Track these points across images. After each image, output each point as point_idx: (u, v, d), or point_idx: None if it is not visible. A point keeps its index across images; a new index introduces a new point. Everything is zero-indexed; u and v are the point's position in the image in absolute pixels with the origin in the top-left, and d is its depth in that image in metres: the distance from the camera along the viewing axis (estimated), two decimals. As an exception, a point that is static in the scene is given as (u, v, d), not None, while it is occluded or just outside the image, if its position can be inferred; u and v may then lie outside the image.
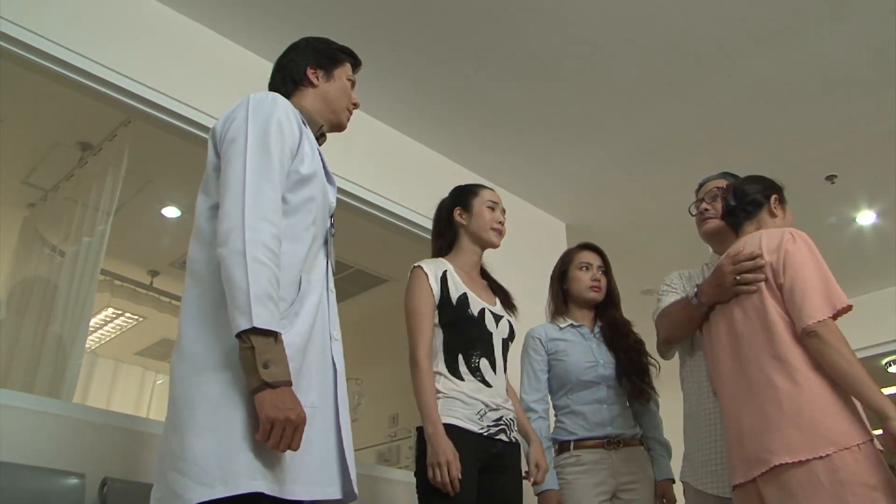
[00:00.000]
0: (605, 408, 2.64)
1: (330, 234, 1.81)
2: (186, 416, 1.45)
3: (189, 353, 1.51)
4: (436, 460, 2.09)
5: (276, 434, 1.39)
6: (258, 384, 1.38)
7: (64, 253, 3.54)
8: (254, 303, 1.40)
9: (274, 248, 1.49)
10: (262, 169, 1.55)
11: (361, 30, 3.18)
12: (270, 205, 1.53)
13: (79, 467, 2.16)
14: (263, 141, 1.59)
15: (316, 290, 1.66)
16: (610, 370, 2.69)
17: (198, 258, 1.60)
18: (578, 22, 3.17)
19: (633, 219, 4.71)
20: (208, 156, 1.71)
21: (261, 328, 1.40)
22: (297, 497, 1.49)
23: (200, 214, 1.65)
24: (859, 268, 5.28)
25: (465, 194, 2.58)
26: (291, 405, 1.40)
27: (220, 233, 1.49)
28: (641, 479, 2.59)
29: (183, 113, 2.95)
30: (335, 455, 1.61)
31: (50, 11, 2.68)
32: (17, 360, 3.30)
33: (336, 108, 1.93)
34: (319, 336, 1.64)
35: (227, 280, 1.45)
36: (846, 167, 4.18)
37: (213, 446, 1.40)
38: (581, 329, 2.78)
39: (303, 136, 1.71)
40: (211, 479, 1.38)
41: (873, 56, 3.37)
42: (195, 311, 1.55)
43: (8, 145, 3.90)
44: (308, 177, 1.67)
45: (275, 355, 1.41)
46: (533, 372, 2.72)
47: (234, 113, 1.67)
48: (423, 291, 2.35)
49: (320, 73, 1.92)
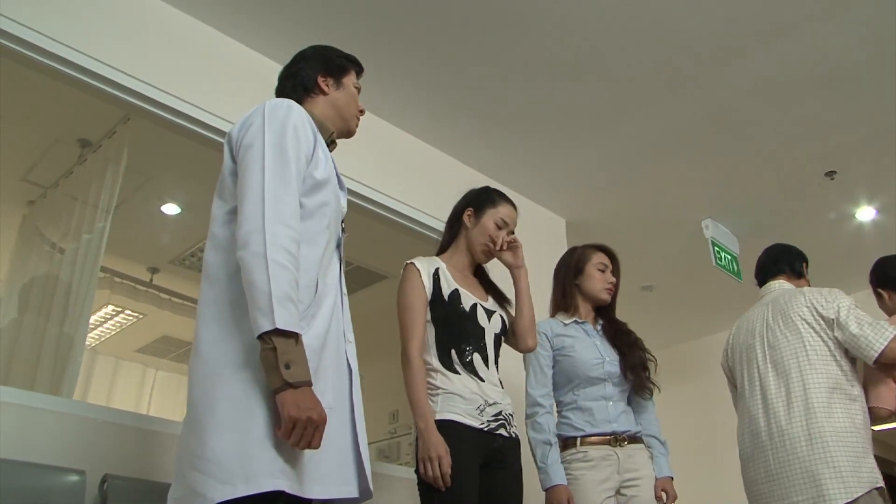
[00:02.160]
0: (611, 404, 2.67)
1: (341, 238, 1.84)
2: (207, 416, 1.47)
3: (207, 356, 1.54)
4: (427, 455, 2.11)
5: (298, 433, 1.42)
6: (280, 384, 1.41)
7: (64, 250, 3.54)
8: (276, 304, 1.43)
9: (293, 252, 1.52)
10: (280, 174, 1.58)
11: (363, 28, 3.18)
12: (289, 209, 1.56)
13: (79, 464, 2.16)
14: (280, 146, 1.62)
15: (331, 293, 1.70)
16: (615, 367, 2.71)
17: (214, 262, 1.63)
18: (578, 19, 3.17)
19: (632, 215, 4.71)
20: (224, 161, 1.73)
21: (283, 329, 1.42)
22: (317, 496, 1.52)
23: (216, 219, 1.67)
24: (859, 264, 5.24)
25: (484, 199, 2.58)
26: (313, 405, 1.43)
27: (240, 236, 1.51)
28: (644, 476, 2.62)
29: (182, 110, 2.95)
30: (351, 454, 1.64)
31: (49, 8, 2.68)
32: (17, 357, 3.30)
33: (346, 115, 1.97)
34: (335, 338, 1.68)
35: (248, 282, 1.47)
36: (846, 163, 4.18)
37: (234, 445, 1.43)
38: (585, 326, 2.80)
39: (317, 141, 1.74)
40: (233, 477, 1.40)
41: (873, 52, 3.36)
42: (212, 314, 1.58)
43: (7, 142, 3.90)
44: (322, 182, 1.71)
45: (296, 356, 1.44)
46: (539, 367, 2.73)
47: (251, 118, 1.70)
48: (415, 288, 2.36)
49: (330, 81, 1.96)
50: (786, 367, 2.63)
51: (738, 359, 2.87)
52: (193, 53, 3.11)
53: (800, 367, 2.60)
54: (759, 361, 2.74)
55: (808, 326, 2.66)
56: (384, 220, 3.76)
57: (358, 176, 3.50)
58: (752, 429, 2.66)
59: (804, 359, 2.61)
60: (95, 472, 2.17)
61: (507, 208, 2.56)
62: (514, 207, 2.59)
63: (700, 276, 5.03)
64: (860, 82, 3.57)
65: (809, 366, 2.59)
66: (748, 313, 2.96)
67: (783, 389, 2.60)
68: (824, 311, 2.65)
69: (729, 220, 4.76)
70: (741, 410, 2.78)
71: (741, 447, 2.74)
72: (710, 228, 4.66)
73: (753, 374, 2.74)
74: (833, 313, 2.62)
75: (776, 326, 2.74)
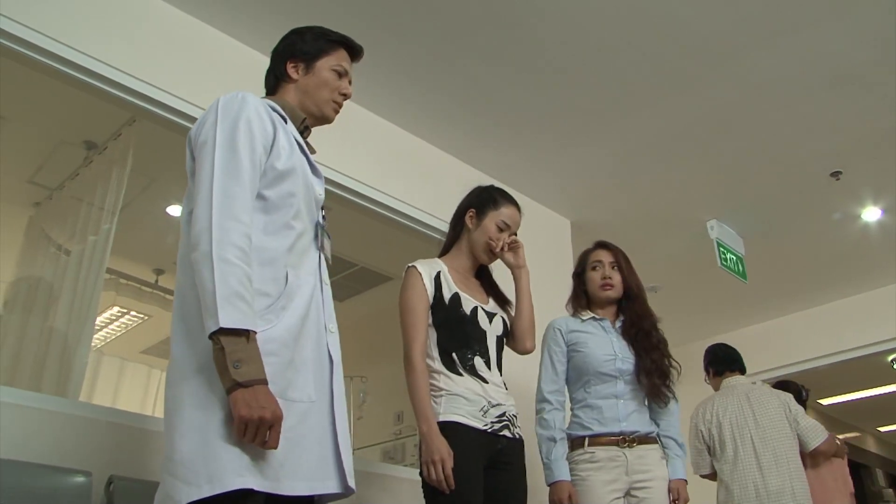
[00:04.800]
0: (621, 403, 2.62)
1: (320, 227, 1.80)
2: (174, 417, 1.47)
3: (175, 357, 1.54)
4: (430, 458, 2.11)
5: (251, 433, 1.39)
6: (230, 384, 1.39)
7: (69, 252, 3.55)
8: (220, 303, 1.40)
9: (243, 247, 1.49)
10: (230, 168, 1.56)
11: (366, 27, 3.18)
12: (239, 203, 1.53)
13: (85, 465, 2.16)
14: (231, 141, 1.59)
15: (307, 284, 1.66)
16: (628, 365, 2.66)
17: (181, 263, 1.62)
18: (583, 19, 3.16)
19: (637, 216, 4.71)
20: (186, 162, 1.71)
21: (229, 328, 1.40)
22: (299, 493, 1.49)
23: (182, 220, 1.66)
24: (865, 264, 5.27)
25: (486, 200, 2.55)
26: (265, 403, 1.39)
27: (192, 237, 1.50)
28: (655, 478, 2.57)
29: (188, 112, 2.95)
30: (331, 448, 1.60)
31: (54, 10, 2.69)
32: (23, 358, 3.31)
33: (317, 101, 1.90)
34: (314, 329, 1.65)
35: (198, 283, 1.46)
36: (851, 163, 4.17)
37: (197, 446, 1.41)
38: (603, 322, 2.77)
39: (277, 130, 1.70)
40: (197, 477, 1.38)
41: (878, 52, 3.35)
42: (178, 315, 1.58)
43: (13, 144, 3.91)
44: (285, 172, 1.67)
45: (246, 354, 1.41)
46: (551, 363, 2.73)
47: (205, 116, 1.68)
48: (417, 291, 2.35)
49: (300, 67, 1.90)
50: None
51: (728, 432, 3.62)
52: (199, 55, 3.11)
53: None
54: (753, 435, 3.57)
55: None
56: (388, 221, 3.76)
57: (361, 176, 3.50)
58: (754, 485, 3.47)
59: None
60: (101, 474, 2.17)
61: (509, 210, 2.54)
62: (518, 208, 2.57)
63: (705, 276, 5.03)
64: (865, 82, 3.56)
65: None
66: (723, 399, 3.73)
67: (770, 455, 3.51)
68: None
69: (734, 221, 4.76)
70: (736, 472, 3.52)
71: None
72: (715, 229, 4.65)
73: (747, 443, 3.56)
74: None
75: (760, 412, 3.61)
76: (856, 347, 5.62)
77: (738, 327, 6.11)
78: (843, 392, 8.28)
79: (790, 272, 5.35)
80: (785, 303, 5.88)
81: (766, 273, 5.12)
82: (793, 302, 5.87)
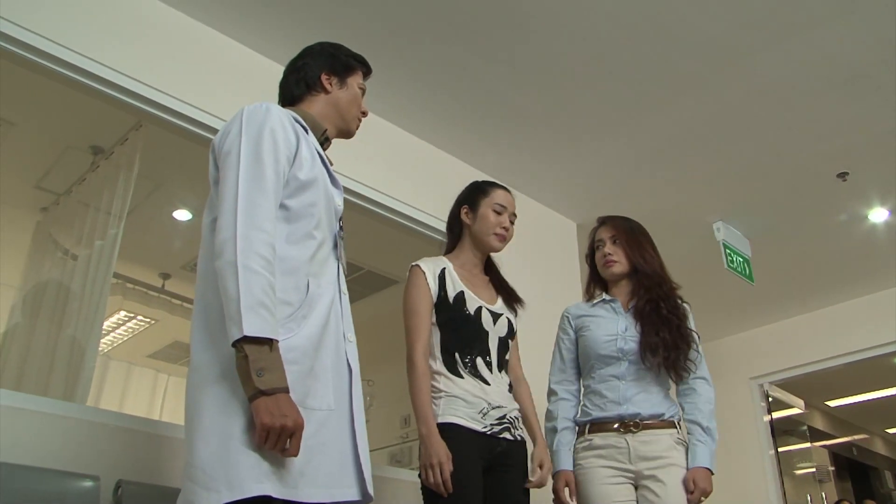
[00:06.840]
0: (623, 384, 2.48)
1: (339, 237, 1.82)
2: (195, 423, 1.48)
3: (196, 364, 1.55)
4: (428, 461, 2.11)
5: (272, 441, 1.41)
6: (253, 392, 1.40)
7: (76, 256, 3.56)
8: (244, 312, 1.41)
9: (267, 256, 1.50)
10: (254, 178, 1.57)
11: (371, 30, 3.18)
12: (264, 212, 1.55)
13: (93, 470, 2.17)
14: (256, 151, 1.61)
15: (327, 294, 1.68)
16: (632, 344, 2.50)
17: (202, 270, 1.64)
18: (588, 20, 3.16)
19: (643, 218, 4.64)
20: (209, 171, 1.73)
21: (252, 336, 1.41)
22: (317, 500, 1.50)
23: (205, 227, 1.67)
24: (872, 265, 5.24)
25: (475, 193, 2.56)
26: (287, 411, 1.41)
27: (216, 245, 1.51)
28: (671, 463, 2.37)
29: (194, 116, 2.96)
30: (351, 456, 1.63)
31: (60, 15, 2.70)
32: (30, 363, 3.32)
33: (347, 115, 1.95)
34: (333, 338, 1.66)
35: (222, 291, 1.47)
36: (858, 164, 4.16)
37: (217, 451, 1.43)
38: (614, 304, 2.63)
39: (300, 142, 1.72)
40: (217, 483, 1.40)
41: (884, 52, 3.34)
42: (200, 322, 1.59)
43: (20, 150, 3.92)
44: (307, 182, 1.69)
45: (269, 363, 1.42)
46: (559, 352, 2.69)
47: (230, 126, 1.69)
48: (420, 291, 2.36)
49: (334, 80, 1.94)
50: None
51: None
52: (205, 60, 3.12)
53: None
54: None
55: None
56: (394, 224, 3.76)
57: (367, 180, 3.50)
58: None
59: None
60: (109, 478, 2.18)
61: (500, 193, 2.53)
62: (508, 191, 2.57)
63: (711, 278, 5.01)
64: (872, 83, 3.54)
65: None
66: None
67: None
68: None
69: (740, 223, 4.74)
70: None
71: None
72: (721, 231, 4.64)
73: None
74: None
75: None
76: (864, 349, 5.59)
77: (745, 329, 6.08)
78: (851, 394, 8.25)
79: (797, 274, 5.33)
80: (792, 304, 5.85)
81: (772, 275, 5.10)
82: (800, 303, 5.84)
